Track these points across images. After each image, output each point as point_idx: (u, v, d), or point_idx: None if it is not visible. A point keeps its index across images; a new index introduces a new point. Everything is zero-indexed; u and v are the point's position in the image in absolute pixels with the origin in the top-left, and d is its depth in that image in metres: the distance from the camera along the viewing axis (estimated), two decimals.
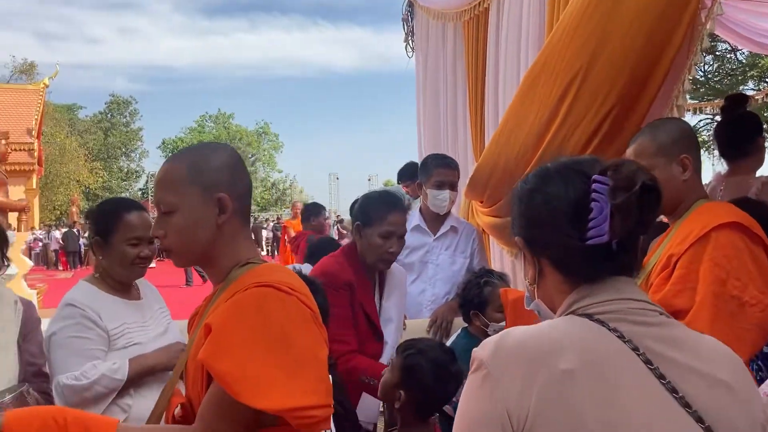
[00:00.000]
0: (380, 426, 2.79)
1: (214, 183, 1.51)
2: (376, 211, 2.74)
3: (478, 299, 2.90)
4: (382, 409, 2.67)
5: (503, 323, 2.74)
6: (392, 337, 2.80)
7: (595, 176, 1.12)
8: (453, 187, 3.55)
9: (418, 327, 3.27)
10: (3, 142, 10.61)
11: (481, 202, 3.78)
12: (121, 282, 2.41)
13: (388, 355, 2.71)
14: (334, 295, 2.55)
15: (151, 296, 2.55)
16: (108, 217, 2.37)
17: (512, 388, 1.04)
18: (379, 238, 2.72)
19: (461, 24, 4.49)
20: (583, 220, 1.12)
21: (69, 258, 25.16)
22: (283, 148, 58.63)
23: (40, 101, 24.97)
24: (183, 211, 1.51)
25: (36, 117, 24.32)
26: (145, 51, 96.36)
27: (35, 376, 2.30)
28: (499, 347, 1.09)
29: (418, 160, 5.18)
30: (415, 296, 3.48)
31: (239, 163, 1.59)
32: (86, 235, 25.64)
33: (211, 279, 1.60)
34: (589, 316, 1.12)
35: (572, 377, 1.03)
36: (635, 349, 1.08)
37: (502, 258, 3.93)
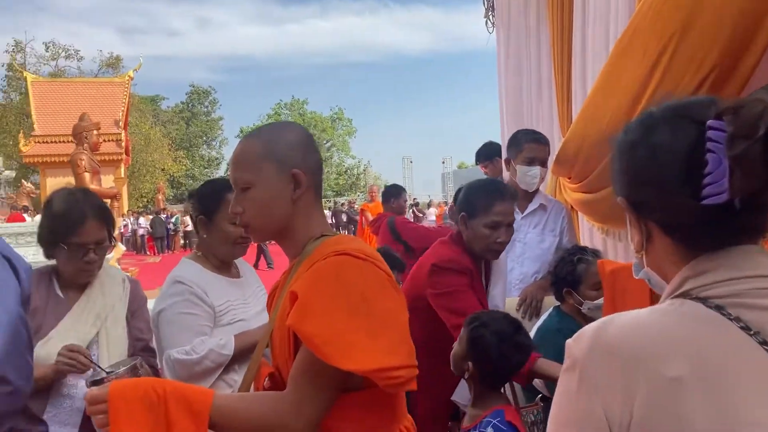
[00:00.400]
0: None
1: (289, 159, 1.57)
2: (482, 201, 2.70)
3: (571, 276, 2.82)
4: None
5: (599, 301, 2.66)
6: None
7: (709, 122, 0.94)
8: (543, 163, 3.46)
9: (508, 306, 3.21)
10: (95, 132, 11.08)
11: (569, 178, 3.67)
12: (222, 260, 2.48)
13: None
14: (458, 277, 2.58)
15: (250, 275, 2.61)
16: (212, 197, 2.43)
17: (612, 392, 0.93)
18: (486, 229, 2.68)
19: None
20: (696, 175, 0.94)
21: (156, 243, 26.17)
22: (356, 133, 59.01)
23: (125, 93, 25.97)
24: (259, 186, 1.57)
25: (122, 109, 25.33)
26: (222, 41, 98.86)
27: (143, 351, 2.40)
28: (595, 344, 0.97)
29: (500, 138, 5.09)
30: None
31: (310, 140, 1.65)
32: (173, 220, 26.64)
33: (286, 253, 1.66)
34: (704, 301, 0.96)
35: (681, 385, 0.89)
36: (763, 343, 0.90)
37: (592, 236, 3.81)
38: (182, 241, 26.88)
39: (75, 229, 2.25)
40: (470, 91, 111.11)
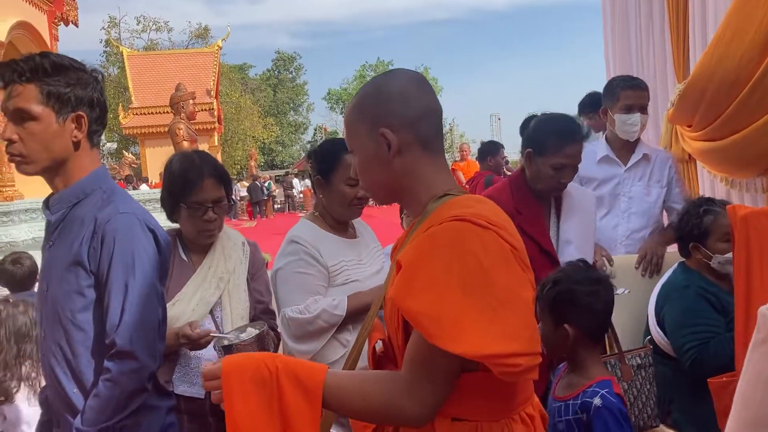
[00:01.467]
0: None
1: (377, 117, 1.42)
2: (552, 140, 2.58)
3: (698, 230, 2.66)
4: None
5: (730, 255, 2.48)
6: (573, 257, 2.63)
7: None
8: (643, 110, 3.25)
9: (626, 263, 3.08)
10: (191, 102, 11.39)
11: (689, 126, 3.45)
12: (339, 221, 2.47)
13: None
14: None
15: (367, 235, 2.60)
16: (329, 158, 2.42)
17: None
18: (552, 170, 2.59)
19: None
20: None
21: (254, 208, 26.95)
22: (442, 91, 58.37)
23: (215, 63, 26.55)
24: (359, 152, 1.47)
25: (213, 78, 25.93)
26: (303, 7, 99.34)
27: (263, 313, 2.44)
28: None
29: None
30: (607, 232, 3.27)
31: (410, 88, 1.45)
32: (266, 185, 27.32)
33: (411, 214, 1.55)
34: None
35: None
36: None
37: (714, 188, 3.59)
38: (274, 206, 27.59)
39: (193, 188, 2.30)
40: (559, 45, 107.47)
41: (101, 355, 1.73)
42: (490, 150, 6.54)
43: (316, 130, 46.20)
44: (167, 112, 16.29)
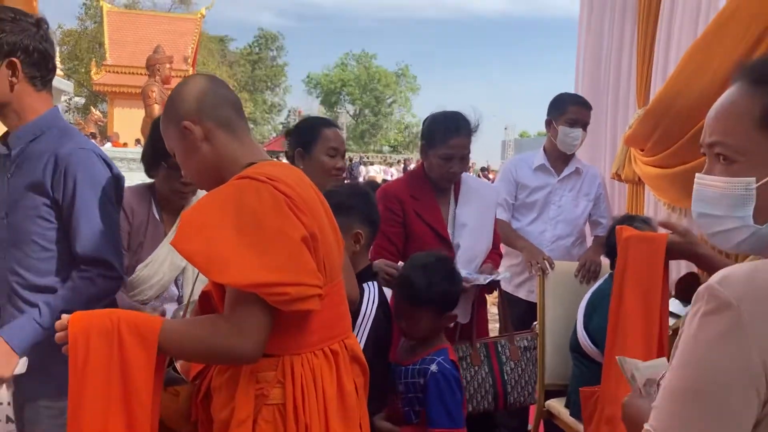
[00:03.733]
0: None
1: (180, 116, 1.63)
2: (440, 134, 2.83)
3: None
4: None
5: None
6: (466, 239, 2.91)
7: None
8: (585, 127, 3.47)
9: (567, 269, 3.25)
10: (168, 66, 11.33)
11: (642, 150, 3.63)
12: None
13: (463, 257, 2.85)
14: (382, 211, 2.67)
15: None
16: (310, 131, 2.62)
17: None
18: (441, 160, 2.81)
19: None
20: None
21: None
22: (419, 91, 58.56)
23: (196, 31, 26.24)
24: (176, 149, 1.68)
25: (192, 46, 25.63)
26: None
27: None
28: (751, 288, 0.93)
29: None
30: (535, 236, 3.48)
31: (203, 85, 1.68)
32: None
33: None
34: None
35: None
36: None
37: (657, 210, 3.78)
38: None
39: None
40: (539, 60, 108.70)
41: (67, 272, 1.91)
42: None
43: (290, 112, 45.95)
44: (141, 73, 16.09)
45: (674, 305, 2.43)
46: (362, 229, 2.26)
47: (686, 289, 2.30)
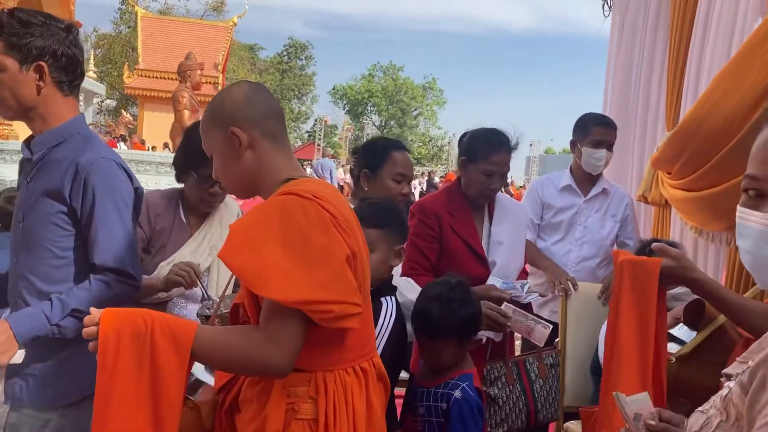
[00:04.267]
0: None
1: (228, 120, 1.63)
2: (482, 149, 2.81)
3: None
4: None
5: (675, 290, 2.63)
6: (502, 257, 2.88)
7: None
8: (610, 147, 3.46)
9: (591, 291, 3.24)
10: (199, 72, 11.46)
11: (670, 173, 3.61)
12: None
13: (497, 274, 2.81)
14: (419, 224, 2.73)
15: None
16: (378, 153, 2.63)
17: None
18: (482, 175, 2.79)
19: None
20: None
21: None
22: (446, 104, 58.48)
23: (228, 38, 26.49)
24: (216, 153, 1.69)
25: (223, 53, 25.86)
26: None
27: None
28: None
29: None
30: (560, 257, 3.47)
31: (252, 93, 1.68)
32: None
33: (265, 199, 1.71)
34: None
35: None
36: None
37: (684, 234, 3.75)
38: None
39: (207, 161, 2.41)
40: (566, 77, 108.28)
41: (79, 282, 1.89)
42: None
43: (316, 121, 46.17)
44: (172, 78, 16.29)
45: (682, 331, 2.37)
46: (404, 246, 2.24)
47: (694, 315, 2.24)
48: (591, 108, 3.75)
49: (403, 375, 2.53)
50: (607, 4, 5.26)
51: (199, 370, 1.92)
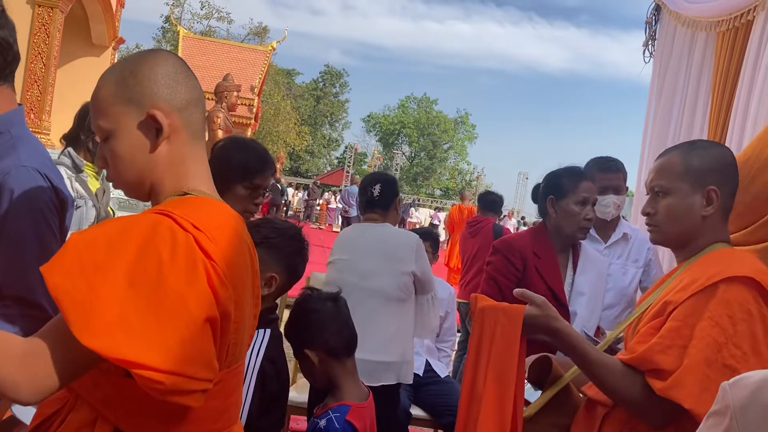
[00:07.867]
0: None
1: (145, 98, 1.27)
2: (568, 181, 2.81)
3: None
4: None
5: None
6: (583, 308, 2.80)
7: None
8: (617, 191, 3.37)
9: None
10: (235, 94, 11.57)
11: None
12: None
13: (578, 326, 2.70)
14: (503, 261, 2.73)
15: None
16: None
17: None
18: (576, 206, 2.77)
19: (715, 34, 4.18)
20: None
21: (271, 208, 27.12)
22: (477, 139, 58.64)
23: (265, 62, 26.89)
24: (118, 135, 1.27)
25: (260, 76, 26.22)
26: (361, 27, 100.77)
27: None
28: (756, 401, 0.89)
29: (638, 169, 4.94)
30: None
31: (179, 71, 1.33)
32: (286, 189, 27.49)
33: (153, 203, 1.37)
34: None
35: None
36: None
37: None
38: (287, 212, 27.79)
39: (263, 171, 2.48)
40: (600, 120, 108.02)
41: None
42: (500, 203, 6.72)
43: (347, 148, 46.53)
44: (209, 98, 16.52)
45: (527, 389, 2.04)
46: (278, 275, 2.10)
47: (539, 373, 2.00)
48: (626, 150, 3.69)
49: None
50: (648, 50, 5.22)
51: (18, 408, 1.60)
